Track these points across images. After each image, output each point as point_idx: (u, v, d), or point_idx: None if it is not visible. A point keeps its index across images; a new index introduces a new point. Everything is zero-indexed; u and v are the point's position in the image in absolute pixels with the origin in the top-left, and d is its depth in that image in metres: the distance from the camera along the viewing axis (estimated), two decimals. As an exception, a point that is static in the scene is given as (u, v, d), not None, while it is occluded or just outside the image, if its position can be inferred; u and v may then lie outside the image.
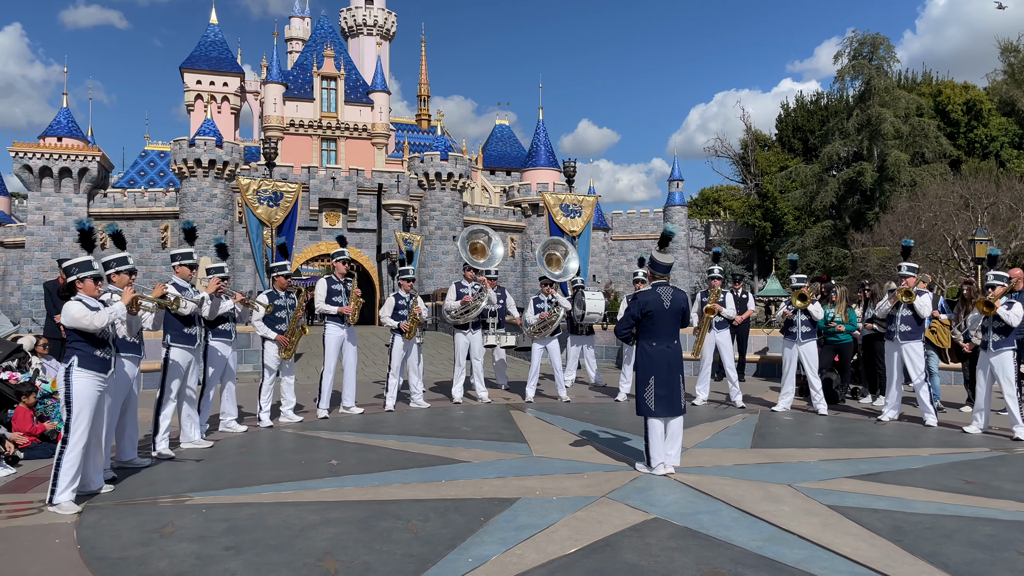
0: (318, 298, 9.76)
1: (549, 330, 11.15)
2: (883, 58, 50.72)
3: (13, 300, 46.51)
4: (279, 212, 15.67)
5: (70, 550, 4.73)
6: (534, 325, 11.25)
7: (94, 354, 5.72)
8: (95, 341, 5.72)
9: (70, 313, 5.63)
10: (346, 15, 59.24)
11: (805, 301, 9.73)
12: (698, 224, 63.20)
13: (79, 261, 5.89)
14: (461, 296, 10.78)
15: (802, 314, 9.90)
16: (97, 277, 5.90)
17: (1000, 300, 8.36)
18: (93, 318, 5.60)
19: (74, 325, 5.63)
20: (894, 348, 9.31)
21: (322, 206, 45.78)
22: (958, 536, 5.02)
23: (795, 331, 9.95)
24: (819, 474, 6.74)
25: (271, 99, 49.78)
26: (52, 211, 45.55)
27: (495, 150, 64.42)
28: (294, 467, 6.97)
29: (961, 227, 34.01)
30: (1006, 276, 8.73)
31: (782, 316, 10.16)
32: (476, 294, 10.68)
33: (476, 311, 10.64)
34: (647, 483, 6.35)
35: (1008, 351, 8.41)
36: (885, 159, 48.01)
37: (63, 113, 49.08)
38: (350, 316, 9.80)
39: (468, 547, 4.75)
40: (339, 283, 9.85)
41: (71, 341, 5.72)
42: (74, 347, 5.70)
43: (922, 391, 9.18)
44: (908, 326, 9.20)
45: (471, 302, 10.62)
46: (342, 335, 9.81)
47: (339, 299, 9.76)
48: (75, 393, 5.64)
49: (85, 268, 5.85)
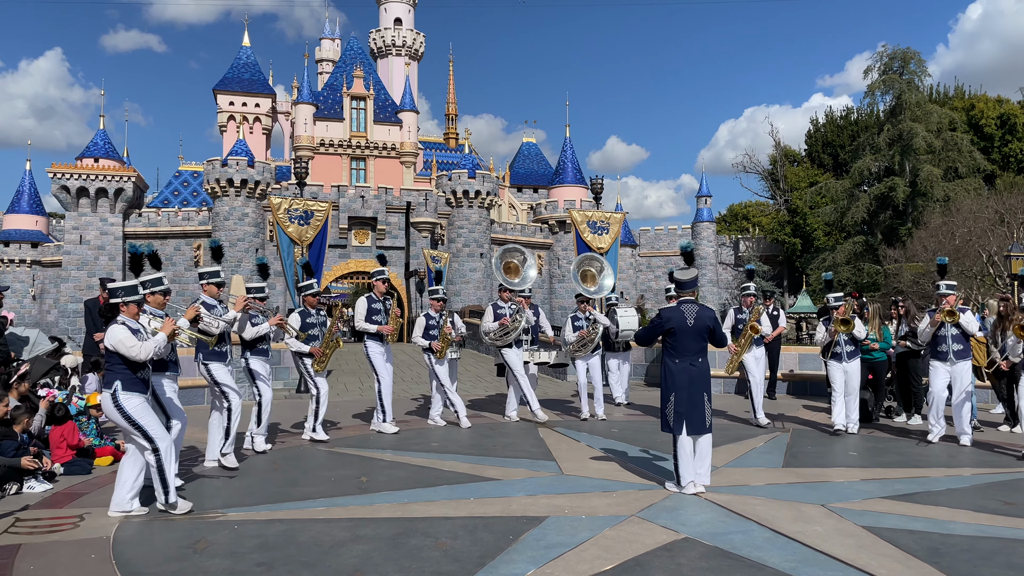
0: (358, 316, 9.81)
1: (589, 348, 11.04)
2: (914, 72, 50.25)
3: (50, 318, 47.46)
4: (309, 231, 15.86)
5: (106, 564, 4.80)
6: (574, 343, 11.13)
7: (135, 376, 5.85)
8: (135, 364, 5.85)
9: (117, 336, 5.75)
10: (375, 36, 60.03)
11: (848, 326, 9.55)
12: (727, 240, 62.76)
13: (126, 285, 6.04)
14: (499, 318, 10.63)
15: (844, 335, 9.75)
16: (141, 302, 6.07)
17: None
18: (140, 350, 5.74)
19: (119, 349, 5.76)
20: (946, 368, 9.09)
21: (351, 224, 46.21)
22: (996, 558, 4.92)
23: (840, 351, 9.78)
24: (853, 494, 6.63)
25: (302, 119, 50.50)
26: (88, 231, 46.49)
27: (522, 167, 64.67)
28: (324, 484, 7.01)
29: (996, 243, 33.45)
30: None
31: (823, 339, 9.96)
32: (513, 315, 10.57)
33: (515, 332, 10.44)
34: (677, 502, 6.30)
35: None
36: (917, 174, 47.43)
37: (100, 135, 50.18)
38: (389, 335, 9.86)
39: (497, 565, 4.74)
40: (379, 302, 9.88)
41: (112, 364, 5.84)
42: (115, 371, 5.83)
43: (964, 410, 9.00)
44: (960, 344, 9.04)
45: (509, 324, 10.46)
46: (384, 351, 9.86)
47: (379, 318, 9.78)
48: (132, 410, 5.80)
49: (131, 293, 6.00)
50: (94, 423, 8.32)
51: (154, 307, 6.34)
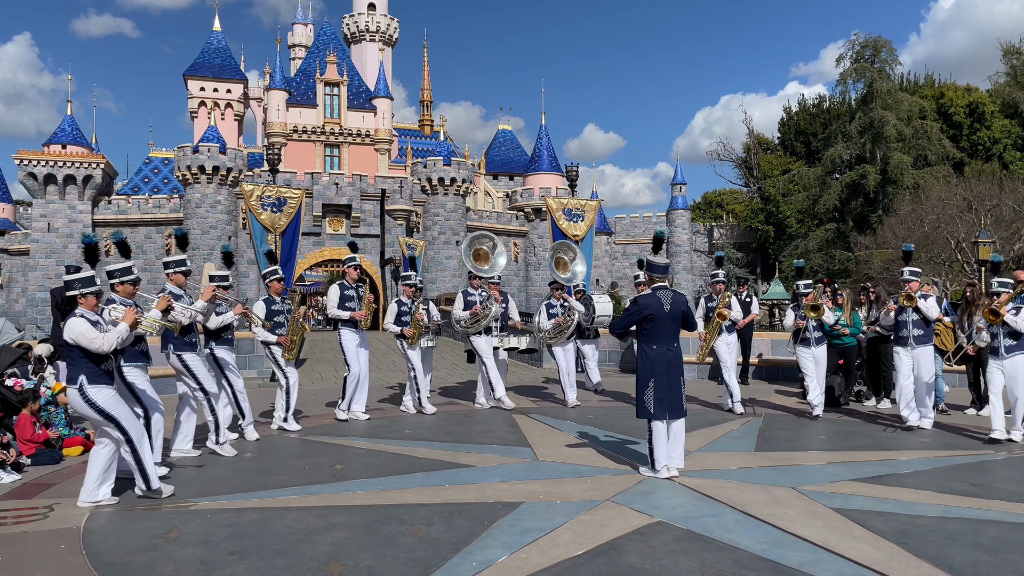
0: (330, 304, 9.75)
1: (565, 335, 11.06)
2: (885, 61, 50.75)
3: (18, 307, 46.59)
4: (282, 218, 15.69)
5: (75, 555, 4.74)
6: (549, 331, 11.16)
7: (100, 368, 5.73)
8: (98, 357, 5.70)
9: (77, 330, 5.60)
10: (348, 21, 59.34)
11: (819, 312, 9.71)
12: (701, 228, 63.13)
13: (83, 277, 5.86)
14: (470, 305, 10.62)
15: (814, 321, 9.91)
16: (98, 293, 5.88)
17: (1006, 307, 8.32)
18: (102, 342, 5.60)
19: (80, 342, 5.60)
20: (908, 353, 9.21)
21: (325, 212, 45.81)
22: (963, 538, 5.02)
23: (809, 336, 9.97)
24: (823, 477, 6.73)
25: (274, 105, 49.87)
26: (57, 218, 45.65)
27: (498, 155, 64.47)
28: (298, 472, 6.98)
29: (964, 229, 33.99)
30: (1010, 282, 8.73)
31: (791, 326, 10.11)
32: (484, 302, 10.57)
33: (486, 320, 10.49)
34: (651, 487, 6.35)
35: (1021, 355, 8.35)
36: (888, 162, 47.98)
37: (68, 121, 49.19)
38: (362, 321, 9.80)
39: (472, 551, 4.76)
40: (351, 288, 9.85)
41: (74, 358, 5.69)
42: (78, 364, 5.68)
43: (924, 393, 9.14)
44: (920, 330, 9.16)
45: (480, 312, 10.47)
46: (357, 339, 9.80)
47: (352, 304, 9.76)
48: (103, 403, 5.71)
49: (88, 284, 5.83)
50: (63, 412, 8.20)
51: (123, 296, 6.21)
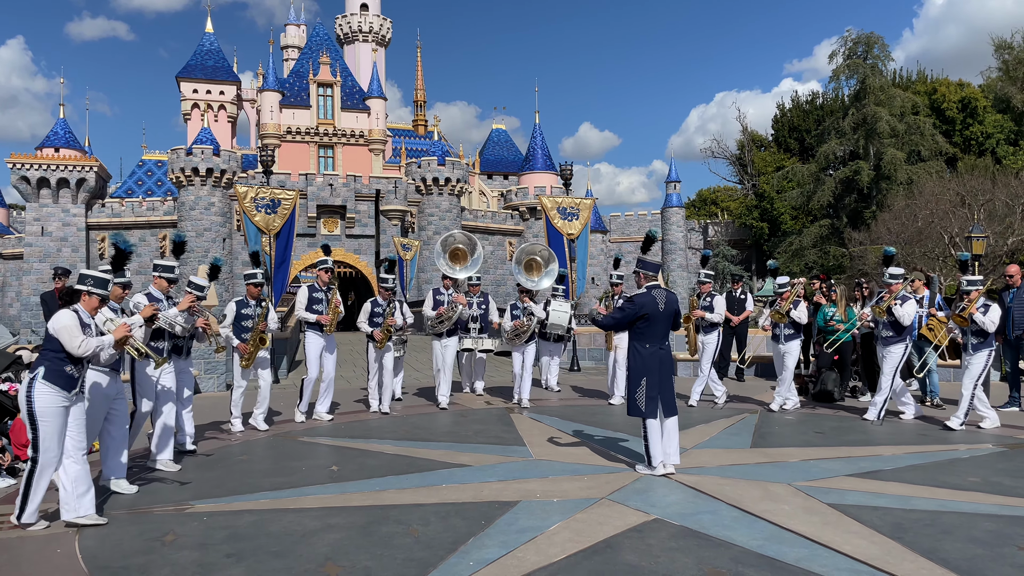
0: (298, 305, 9.73)
1: (523, 338, 11.20)
2: (878, 57, 50.77)
3: (12, 311, 46.45)
4: (277, 219, 15.67)
5: (72, 559, 4.74)
6: (508, 332, 11.35)
7: (63, 369, 5.36)
8: (68, 357, 5.37)
9: (62, 321, 5.34)
10: (341, 22, 59.25)
11: (783, 318, 10.21)
12: (696, 225, 63.14)
13: (97, 276, 5.61)
14: (438, 305, 10.78)
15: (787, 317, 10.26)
16: (104, 299, 5.67)
17: (976, 305, 8.67)
18: (81, 343, 5.31)
19: (60, 335, 5.32)
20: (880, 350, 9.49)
21: (320, 213, 45.74)
22: (958, 532, 5.04)
23: (779, 333, 10.41)
24: (819, 473, 6.75)
25: (268, 107, 49.76)
26: (50, 222, 45.49)
27: (492, 154, 64.42)
28: (295, 474, 6.97)
29: (958, 224, 34.04)
30: (979, 279, 9.18)
31: (767, 322, 10.56)
32: (450, 303, 10.65)
33: (448, 323, 10.62)
34: (647, 484, 6.36)
35: (984, 352, 8.88)
36: (881, 157, 48.05)
37: (60, 124, 49.04)
38: (328, 325, 9.71)
39: (469, 550, 4.76)
40: (321, 291, 9.80)
41: (46, 348, 5.40)
42: (45, 356, 5.37)
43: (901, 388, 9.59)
44: (889, 331, 9.36)
45: (444, 313, 10.60)
46: (321, 343, 9.73)
47: (319, 307, 9.68)
48: (39, 410, 5.27)
49: (99, 285, 5.59)
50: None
51: (112, 299, 6.11)
